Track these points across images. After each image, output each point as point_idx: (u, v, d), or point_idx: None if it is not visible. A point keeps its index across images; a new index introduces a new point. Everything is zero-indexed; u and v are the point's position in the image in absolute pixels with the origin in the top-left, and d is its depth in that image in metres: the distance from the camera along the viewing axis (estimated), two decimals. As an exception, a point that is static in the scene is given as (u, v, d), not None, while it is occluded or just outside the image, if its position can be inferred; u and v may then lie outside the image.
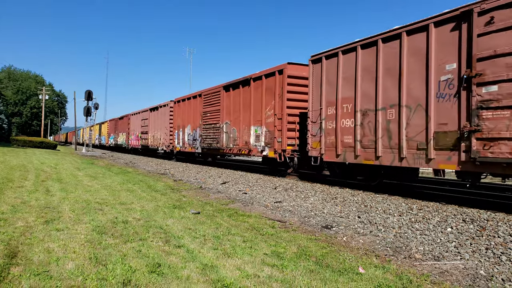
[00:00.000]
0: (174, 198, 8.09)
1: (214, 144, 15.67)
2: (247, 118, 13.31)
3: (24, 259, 3.73)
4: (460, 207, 6.52)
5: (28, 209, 6.21)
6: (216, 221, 5.81)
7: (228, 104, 14.78)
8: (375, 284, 3.38)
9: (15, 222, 5.23)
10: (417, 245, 4.68)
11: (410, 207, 6.57)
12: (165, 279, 3.35)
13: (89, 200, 7.28)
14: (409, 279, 3.53)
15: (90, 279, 3.26)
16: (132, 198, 7.77)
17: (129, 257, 3.89)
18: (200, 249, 4.31)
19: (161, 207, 6.84)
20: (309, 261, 3.99)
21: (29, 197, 7.40)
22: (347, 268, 3.80)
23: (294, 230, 5.42)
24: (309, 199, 7.93)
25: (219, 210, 6.80)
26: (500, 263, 3.95)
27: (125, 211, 6.34)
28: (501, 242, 4.52)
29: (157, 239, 4.66)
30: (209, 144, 16.11)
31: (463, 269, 3.85)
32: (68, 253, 3.97)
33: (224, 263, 3.83)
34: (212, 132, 15.96)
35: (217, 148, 15.56)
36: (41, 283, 3.16)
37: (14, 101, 72.77)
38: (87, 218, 5.67)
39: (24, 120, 74.72)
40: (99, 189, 9.03)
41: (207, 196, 8.51)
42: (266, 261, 3.93)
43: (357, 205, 7.03)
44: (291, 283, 3.37)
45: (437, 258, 4.19)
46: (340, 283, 3.40)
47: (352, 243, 4.84)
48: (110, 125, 39.18)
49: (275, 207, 7.19)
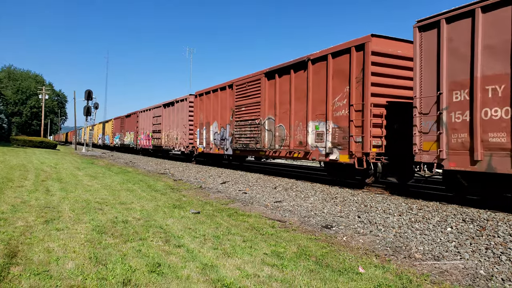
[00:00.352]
0: (174, 197, 8.09)
1: (251, 144, 12.86)
2: (302, 111, 10.43)
3: (24, 259, 3.73)
4: (460, 207, 6.51)
5: (28, 208, 6.21)
6: (216, 221, 5.81)
7: (272, 95, 11.81)
8: (375, 284, 3.38)
9: (15, 222, 5.24)
10: (417, 245, 4.68)
11: (410, 207, 6.57)
12: (165, 278, 3.35)
13: (89, 200, 7.28)
14: (409, 278, 3.53)
15: (90, 279, 3.26)
16: (132, 198, 7.77)
17: (129, 257, 3.89)
18: (200, 248, 4.31)
19: (161, 207, 6.84)
20: (309, 261, 3.99)
21: (29, 196, 7.41)
22: (347, 267, 3.80)
23: (294, 230, 5.42)
24: (309, 198, 7.93)
25: (219, 209, 6.80)
26: (500, 263, 3.95)
27: (125, 211, 6.34)
28: (501, 242, 4.52)
29: (157, 238, 4.66)
30: (244, 144, 13.28)
31: (463, 269, 3.85)
32: (68, 252, 3.97)
33: (224, 263, 3.83)
34: (248, 130, 13.11)
35: (255, 150, 12.77)
36: (41, 283, 3.16)
37: (14, 101, 72.77)
38: (87, 218, 5.67)
39: (24, 120, 74.73)
40: (99, 188, 9.03)
41: (207, 196, 8.51)
42: (266, 261, 3.94)
43: (357, 205, 7.04)
44: (291, 282, 3.37)
45: (437, 258, 4.19)
46: (340, 282, 3.40)
47: (352, 242, 4.84)
48: (116, 123, 36.54)
49: (275, 207, 7.19)
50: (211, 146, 16.27)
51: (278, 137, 11.56)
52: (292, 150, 10.80)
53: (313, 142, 10.00)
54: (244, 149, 13.50)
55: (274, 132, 11.76)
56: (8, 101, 71.75)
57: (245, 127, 13.37)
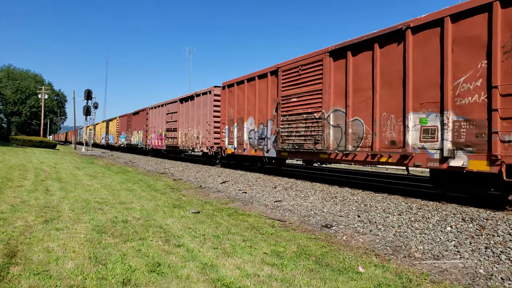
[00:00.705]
0: (174, 197, 8.08)
1: (307, 145, 10.08)
2: (395, 99, 7.77)
3: (23, 259, 3.73)
4: (459, 206, 6.52)
5: (27, 208, 6.21)
6: (216, 220, 5.81)
7: (341, 79, 9.10)
8: (375, 283, 3.38)
9: (14, 222, 5.23)
10: (416, 244, 4.68)
11: (409, 206, 6.58)
12: (165, 278, 3.35)
13: (88, 200, 7.27)
14: (409, 278, 3.53)
15: (89, 279, 3.26)
16: (131, 198, 7.77)
17: (129, 257, 3.89)
18: (200, 248, 4.31)
19: (161, 207, 6.84)
20: (309, 260, 3.99)
21: (28, 196, 7.40)
22: (347, 267, 3.81)
23: (294, 229, 5.42)
24: (309, 198, 7.93)
25: (219, 209, 6.80)
26: (499, 262, 3.95)
27: (125, 211, 6.34)
28: (501, 241, 4.52)
29: (156, 238, 4.66)
30: (296, 145, 10.49)
31: (462, 268, 3.85)
32: (68, 252, 3.97)
33: (224, 262, 3.83)
34: (302, 126, 10.37)
35: (313, 152, 9.93)
36: (41, 283, 3.16)
37: (13, 101, 72.75)
38: (86, 218, 5.67)
39: (23, 120, 74.71)
40: (99, 188, 9.03)
41: (207, 195, 8.51)
42: (266, 260, 3.94)
43: (357, 204, 7.04)
44: (291, 282, 3.37)
45: (436, 257, 4.19)
46: (340, 282, 3.40)
47: (352, 242, 4.84)
48: (121, 122, 33.81)
49: (275, 206, 7.19)
50: (244, 147, 13.50)
51: (352, 135, 8.78)
52: (378, 153, 8.01)
53: (417, 142, 7.29)
54: (295, 151, 10.64)
55: (344, 129, 8.96)
56: (7, 101, 71.76)
57: (296, 122, 10.58)
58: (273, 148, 11.73)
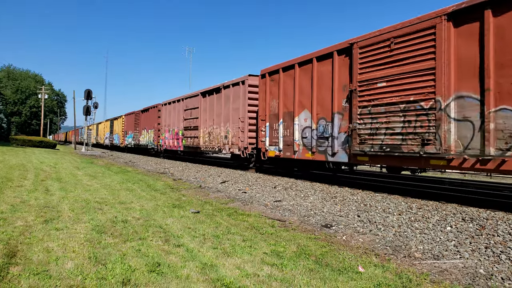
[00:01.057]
0: (174, 197, 8.08)
1: (409, 146, 7.20)
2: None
3: (23, 259, 3.73)
4: (459, 206, 6.52)
5: (27, 208, 6.20)
6: (215, 220, 5.81)
7: (472, 52, 6.35)
8: (375, 283, 3.38)
9: (14, 222, 5.23)
10: (416, 244, 4.68)
11: (409, 206, 6.58)
12: (164, 278, 3.35)
13: (88, 200, 7.27)
14: (409, 278, 3.53)
15: (89, 279, 3.26)
16: (131, 197, 7.76)
17: (129, 257, 3.89)
18: (199, 248, 4.31)
19: (161, 206, 6.84)
20: (308, 260, 3.99)
21: (28, 196, 7.40)
22: (347, 267, 3.80)
23: (294, 229, 5.42)
24: (309, 198, 7.93)
25: (219, 209, 6.80)
26: (499, 262, 3.95)
27: (125, 210, 6.34)
28: (501, 241, 4.52)
29: (156, 238, 4.66)
30: (388, 147, 7.61)
31: (462, 268, 3.85)
32: (68, 252, 3.97)
33: (224, 262, 3.83)
34: (399, 120, 7.43)
35: (421, 156, 7.05)
36: (41, 283, 3.16)
37: (13, 100, 72.79)
38: (86, 218, 5.67)
39: (23, 120, 74.74)
40: (99, 188, 9.02)
41: (206, 195, 8.51)
42: (265, 260, 3.93)
43: (357, 204, 7.04)
44: (290, 282, 3.37)
45: (436, 257, 4.19)
46: (339, 282, 3.40)
47: (352, 242, 4.84)
48: (128, 120, 31.03)
49: (274, 206, 7.19)
50: (295, 149, 10.65)
51: (494, 131, 5.96)
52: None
53: None
54: (385, 155, 7.76)
55: (479, 123, 6.19)
56: (7, 101, 71.80)
57: (387, 115, 7.70)
58: (343, 151, 8.95)
